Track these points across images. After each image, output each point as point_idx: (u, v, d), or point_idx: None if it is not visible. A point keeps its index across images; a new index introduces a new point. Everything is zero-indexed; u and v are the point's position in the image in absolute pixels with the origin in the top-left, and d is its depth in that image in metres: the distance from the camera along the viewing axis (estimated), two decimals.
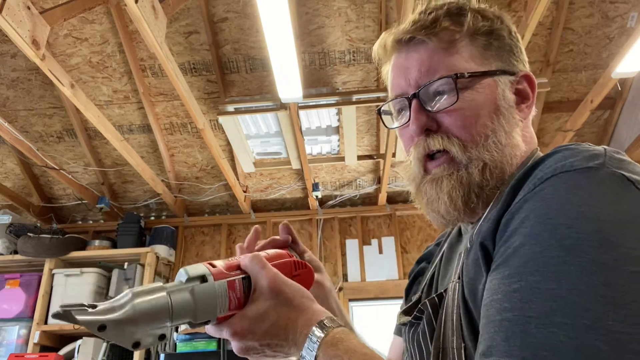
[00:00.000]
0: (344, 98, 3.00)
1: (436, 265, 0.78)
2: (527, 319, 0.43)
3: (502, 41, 0.70)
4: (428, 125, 0.67)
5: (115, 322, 0.50)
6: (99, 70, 3.04)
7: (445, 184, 0.65)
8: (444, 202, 0.65)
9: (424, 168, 0.69)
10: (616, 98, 3.32)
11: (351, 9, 2.81)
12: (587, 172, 0.49)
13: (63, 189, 3.81)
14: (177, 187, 3.76)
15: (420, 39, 0.68)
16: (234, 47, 2.98)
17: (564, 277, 0.43)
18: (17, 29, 1.85)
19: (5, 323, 3.18)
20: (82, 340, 3.09)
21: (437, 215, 0.68)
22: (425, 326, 0.67)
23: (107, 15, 2.79)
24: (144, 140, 3.51)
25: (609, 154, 0.52)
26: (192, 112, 2.70)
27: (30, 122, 3.35)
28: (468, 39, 0.68)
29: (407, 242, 3.88)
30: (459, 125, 0.65)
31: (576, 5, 2.85)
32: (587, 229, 0.45)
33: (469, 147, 0.65)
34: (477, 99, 0.65)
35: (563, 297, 0.42)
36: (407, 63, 0.70)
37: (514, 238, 0.49)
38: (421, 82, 0.67)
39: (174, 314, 0.54)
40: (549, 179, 0.50)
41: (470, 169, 0.64)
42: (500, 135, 0.65)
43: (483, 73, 0.66)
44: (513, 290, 0.46)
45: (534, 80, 0.71)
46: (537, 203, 0.49)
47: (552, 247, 0.45)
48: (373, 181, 3.88)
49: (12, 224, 3.38)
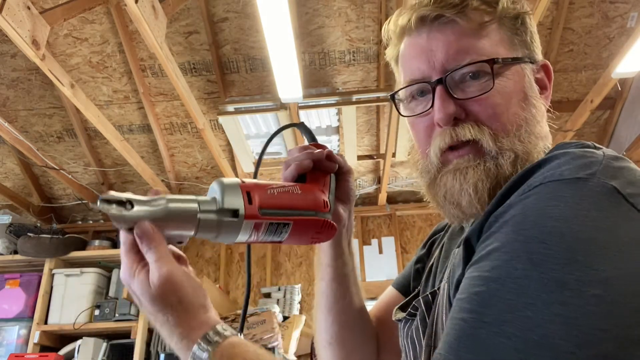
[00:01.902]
0: (344, 98, 3.00)
1: (435, 258, 0.77)
2: (481, 324, 0.43)
3: (526, 27, 0.66)
4: (457, 114, 0.61)
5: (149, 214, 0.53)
6: (99, 70, 3.04)
7: (471, 174, 0.61)
8: (468, 193, 0.60)
9: (442, 159, 0.64)
10: (616, 98, 3.32)
11: (351, 9, 2.81)
12: (574, 184, 0.47)
13: (63, 189, 3.81)
14: (177, 187, 3.76)
15: (449, 18, 0.62)
16: (234, 47, 2.98)
17: (524, 290, 0.43)
18: (17, 29, 1.85)
19: (5, 323, 3.18)
20: (82, 340, 3.08)
21: (455, 208, 0.63)
22: (418, 323, 0.67)
23: (107, 15, 2.79)
24: (144, 140, 3.51)
25: (605, 162, 0.49)
26: (192, 112, 2.70)
27: (30, 122, 3.35)
28: (497, 22, 0.63)
29: (407, 242, 3.88)
30: (490, 114, 0.61)
31: (576, 5, 2.85)
32: (557, 246, 0.43)
33: (500, 136, 0.60)
34: (508, 86, 0.61)
35: (518, 309, 0.42)
36: (430, 44, 0.63)
37: (491, 240, 0.49)
38: (448, 66, 0.62)
39: (199, 230, 0.56)
40: (537, 186, 0.49)
41: (500, 161, 0.60)
42: (532, 125, 0.62)
43: (513, 59, 0.63)
44: (475, 292, 0.46)
45: (551, 70, 0.68)
46: (519, 210, 0.48)
47: (519, 259, 0.45)
48: (373, 181, 3.88)
49: (12, 224, 3.38)
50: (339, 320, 0.79)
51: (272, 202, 0.60)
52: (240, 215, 0.57)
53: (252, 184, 0.60)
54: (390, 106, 2.93)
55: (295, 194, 0.63)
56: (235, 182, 0.59)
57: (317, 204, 0.64)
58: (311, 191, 0.65)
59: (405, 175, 3.82)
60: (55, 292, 3.23)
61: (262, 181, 0.62)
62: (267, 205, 0.59)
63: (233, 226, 0.57)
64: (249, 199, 0.58)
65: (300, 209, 0.62)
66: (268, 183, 0.62)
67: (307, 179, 0.68)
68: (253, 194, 0.58)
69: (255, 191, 0.59)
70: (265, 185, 0.61)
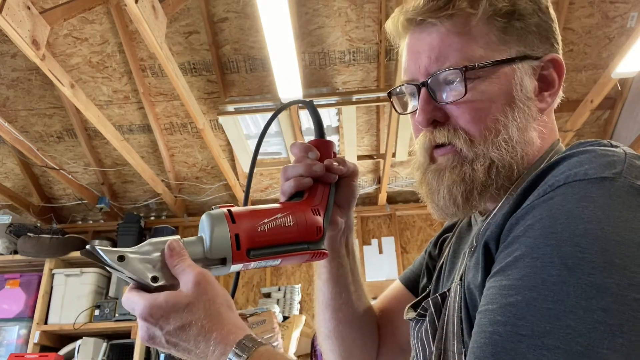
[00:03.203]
0: (344, 98, 3.00)
1: (445, 257, 0.76)
2: (519, 337, 0.41)
3: (526, 21, 0.63)
4: (435, 117, 0.63)
5: (133, 252, 0.54)
6: (99, 70, 3.04)
7: (447, 177, 0.62)
8: (443, 195, 0.62)
9: (430, 156, 0.65)
10: (616, 98, 3.32)
11: (351, 9, 2.81)
12: (601, 183, 0.45)
13: (63, 189, 3.81)
14: (177, 187, 3.76)
15: (433, 22, 0.63)
16: (234, 47, 2.98)
17: (562, 298, 0.41)
18: (17, 29, 1.85)
19: (5, 323, 3.18)
20: (82, 340, 3.08)
21: (436, 208, 0.65)
22: (428, 325, 0.66)
23: (107, 15, 2.79)
24: (144, 140, 3.51)
25: (629, 160, 0.48)
26: (192, 112, 2.70)
27: (30, 122, 3.35)
28: (485, 22, 0.61)
29: (407, 242, 3.88)
30: (467, 119, 0.61)
31: (576, 5, 2.85)
32: (592, 249, 0.42)
33: (476, 142, 0.61)
34: (489, 90, 0.61)
35: (558, 319, 0.40)
36: (418, 46, 0.64)
37: (516, 245, 0.47)
38: (430, 70, 0.63)
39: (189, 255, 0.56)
40: (560, 186, 0.47)
41: (475, 166, 0.60)
42: (512, 131, 0.60)
43: (497, 62, 0.61)
44: (508, 303, 0.44)
45: (562, 64, 0.65)
46: (544, 212, 0.46)
47: (553, 265, 0.43)
48: (373, 181, 3.88)
49: (12, 224, 3.38)
50: (335, 317, 0.80)
51: (261, 240, 0.59)
52: (228, 262, 0.57)
53: (244, 222, 0.59)
54: (390, 106, 2.93)
55: (287, 226, 0.62)
56: (223, 223, 0.57)
57: (309, 234, 0.64)
58: (305, 217, 0.64)
59: (405, 175, 3.82)
60: (55, 292, 3.23)
61: (255, 209, 0.61)
62: (256, 245, 0.59)
63: (220, 269, 0.58)
64: (237, 244, 0.57)
65: (292, 242, 0.62)
66: (260, 213, 0.61)
67: (306, 191, 0.68)
68: (242, 236, 0.58)
69: (244, 232, 0.58)
70: (256, 221, 0.60)
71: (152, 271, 0.54)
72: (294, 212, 0.64)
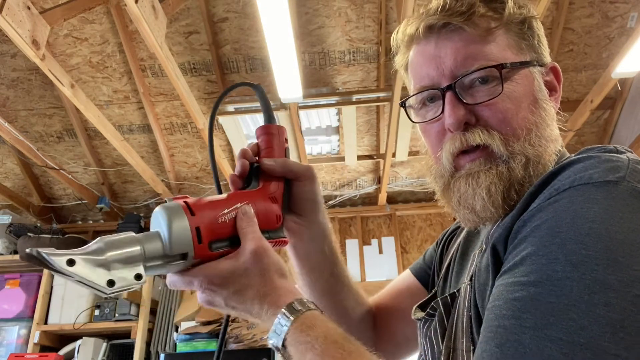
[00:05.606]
0: (344, 98, 3.00)
1: (452, 257, 0.77)
2: (523, 329, 0.43)
3: (533, 30, 0.67)
4: (467, 119, 0.62)
5: (84, 254, 0.50)
6: (99, 70, 3.04)
7: (483, 178, 0.61)
8: (482, 197, 0.61)
9: (455, 164, 0.64)
10: (616, 98, 3.32)
11: (351, 9, 2.81)
12: (605, 187, 0.48)
13: (63, 189, 3.81)
14: (177, 187, 3.76)
15: (457, 26, 0.64)
16: (234, 47, 2.98)
17: (566, 292, 0.42)
18: (17, 29, 1.85)
19: (5, 323, 3.18)
20: (82, 340, 3.09)
21: (470, 213, 0.63)
22: (437, 325, 0.66)
23: (107, 15, 2.79)
24: (144, 140, 3.51)
25: (632, 165, 0.50)
26: (192, 112, 2.70)
27: (30, 122, 3.35)
28: (504, 28, 0.65)
29: (407, 242, 3.88)
30: (500, 119, 0.62)
31: (576, 5, 2.85)
32: (596, 247, 0.44)
33: (510, 141, 0.61)
34: (517, 90, 0.62)
35: (562, 312, 0.42)
36: (438, 51, 0.64)
37: (523, 246, 0.49)
38: (457, 73, 0.63)
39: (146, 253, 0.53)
40: (566, 190, 0.49)
41: (512, 164, 0.61)
42: (542, 129, 0.63)
43: (522, 63, 0.64)
44: (514, 298, 0.46)
45: (560, 72, 0.69)
46: (550, 214, 0.48)
47: (558, 261, 0.44)
48: (373, 181, 3.88)
49: (12, 224, 3.38)
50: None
51: (223, 232, 0.58)
52: (189, 257, 0.55)
53: (204, 213, 0.57)
54: (390, 106, 2.93)
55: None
56: (182, 216, 0.55)
57: (269, 223, 0.64)
58: (264, 206, 0.64)
59: (405, 175, 3.82)
60: (55, 292, 3.23)
61: (212, 199, 0.60)
62: (217, 237, 0.58)
63: (182, 265, 0.56)
64: (199, 237, 0.56)
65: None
66: (218, 204, 0.59)
67: (260, 180, 0.68)
68: (203, 228, 0.56)
69: (205, 225, 0.56)
70: (216, 212, 0.58)
71: (107, 275, 0.50)
72: (253, 200, 0.63)
